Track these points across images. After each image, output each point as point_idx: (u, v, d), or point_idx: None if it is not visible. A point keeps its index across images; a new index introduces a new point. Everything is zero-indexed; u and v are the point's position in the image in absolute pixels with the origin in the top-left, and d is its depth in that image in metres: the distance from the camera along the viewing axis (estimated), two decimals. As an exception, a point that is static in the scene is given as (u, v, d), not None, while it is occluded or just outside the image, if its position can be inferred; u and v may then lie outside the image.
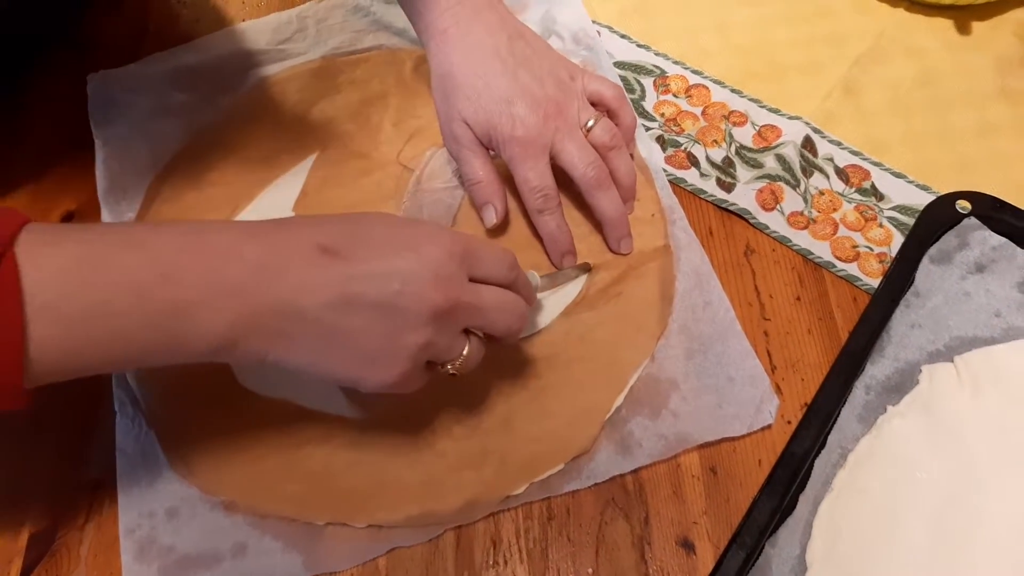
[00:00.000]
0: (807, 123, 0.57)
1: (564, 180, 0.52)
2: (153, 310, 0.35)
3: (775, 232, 0.53)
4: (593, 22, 0.63)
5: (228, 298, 0.36)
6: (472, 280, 0.40)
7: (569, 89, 0.52)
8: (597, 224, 0.53)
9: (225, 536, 0.43)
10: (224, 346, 0.36)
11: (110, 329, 0.34)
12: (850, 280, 0.51)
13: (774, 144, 0.57)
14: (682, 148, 0.57)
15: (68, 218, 0.55)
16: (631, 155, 0.55)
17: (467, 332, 0.41)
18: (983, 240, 0.50)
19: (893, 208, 0.54)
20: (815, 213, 0.54)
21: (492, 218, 0.52)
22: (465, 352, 0.41)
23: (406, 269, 0.38)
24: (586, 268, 0.52)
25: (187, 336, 0.36)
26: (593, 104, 0.53)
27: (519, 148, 0.50)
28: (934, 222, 0.51)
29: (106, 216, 0.53)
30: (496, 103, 0.50)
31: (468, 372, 0.42)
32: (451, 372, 0.41)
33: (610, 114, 0.54)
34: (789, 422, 0.47)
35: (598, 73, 0.59)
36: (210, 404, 0.47)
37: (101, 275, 0.34)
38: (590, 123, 0.52)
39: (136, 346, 0.35)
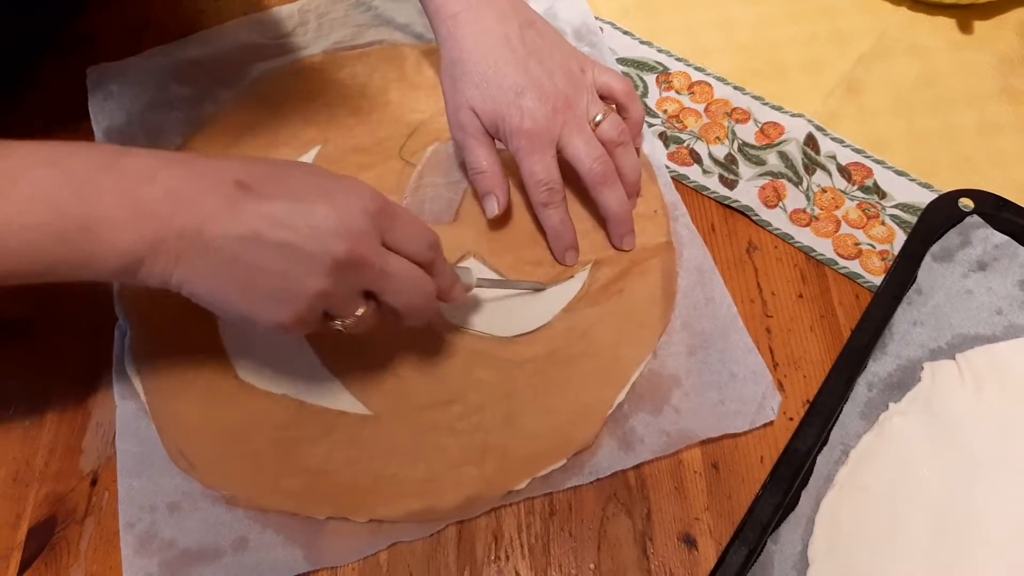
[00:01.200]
0: (810, 121, 0.57)
1: (568, 174, 0.52)
2: (64, 226, 0.36)
3: (777, 229, 0.53)
4: (596, 18, 0.63)
5: (137, 219, 0.36)
6: (385, 246, 0.40)
7: (579, 82, 0.52)
8: (600, 220, 0.53)
9: (226, 530, 0.43)
10: (130, 266, 0.37)
11: (21, 241, 0.35)
12: (852, 277, 0.51)
13: (777, 141, 0.57)
14: (685, 145, 0.57)
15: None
16: (637, 150, 0.55)
17: (368, 296, 0.41)
18: (985, 238, 0.50)
19: (895, 206, 0.54)
20: (817, 210, 0.54)
21: (494, 208, 0.52)
22: (359, 313, 0.41)
23: (317, 215, 0.38)
24: (539, 287, 0.51)
25: (95, 253, 0.36)
26: (602, 97, 0.53)
27: (526, 140, 0.50)
28: (937, 220, 0.51)
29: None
30: (505, 93, 0.50)
31: (358, 334, 0.42)
32: (339, 328, 0.41)
33: (619, 108, 0.54)
34: (791, 419, 0.47)
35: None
36: (211, 398, 0.47)
37: (16, 189, 0.35)
38: (598, 117, 0.51)
39: (46, 259, 0.36)
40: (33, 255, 0.36)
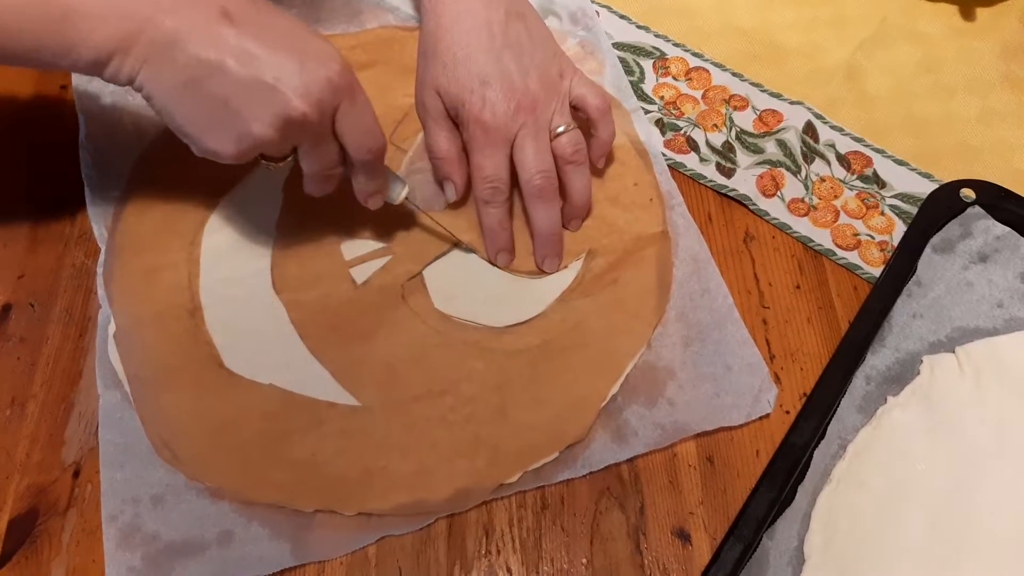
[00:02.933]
0: (809, 108, 0.57)
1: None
2: (45, 12, 0.38)
3: (775, 219, 0.52)
4: (592, 1, 0.62)
5: (117, 17, 0.38)
6: (333, 124, 0.42)
7: (552, 87, 0.50)
8: (596, 209, 0.52)
9: (211, 523, 0.42)
10: (101, 59, 0.39)
11: (7, 20, 0.38)
12: (851, 268, 0.51)
13: (775, 129, 0.56)
14: (681, 132, 0.56)
15: (52, 200, 0.53)
16: (597, 167, 0.53)
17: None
18: (986, 229, 0.49)
19: (895, 196, 0.53)
20: (816, 200, 0.53)
21: (452, 195, 0.51)
22: (287, 161, 0.43)
23: (287, 67, 0.39)
24: (469, 249, 0.51)
25: (71, 42, 0.38)
26: (575, 109, 0.51)
27: (481, 133, 0.48)
28: (937, 210, 0.50)
29: (90, 193, 0.52)
30: (471, 79, 0.48)
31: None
32: (268, 167, 0.44)
33: (590, 124, 0.51)
34: (788, 412, 0.46)
35: (598, 55, 0.58)
36: (196, 389, 0.46)
37: None
38: (560, 129, 0.49)
39: (25, 42, 0.38)
40: (17, 35, 0.38)
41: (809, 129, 0.56)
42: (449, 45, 0.49)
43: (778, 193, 0.53)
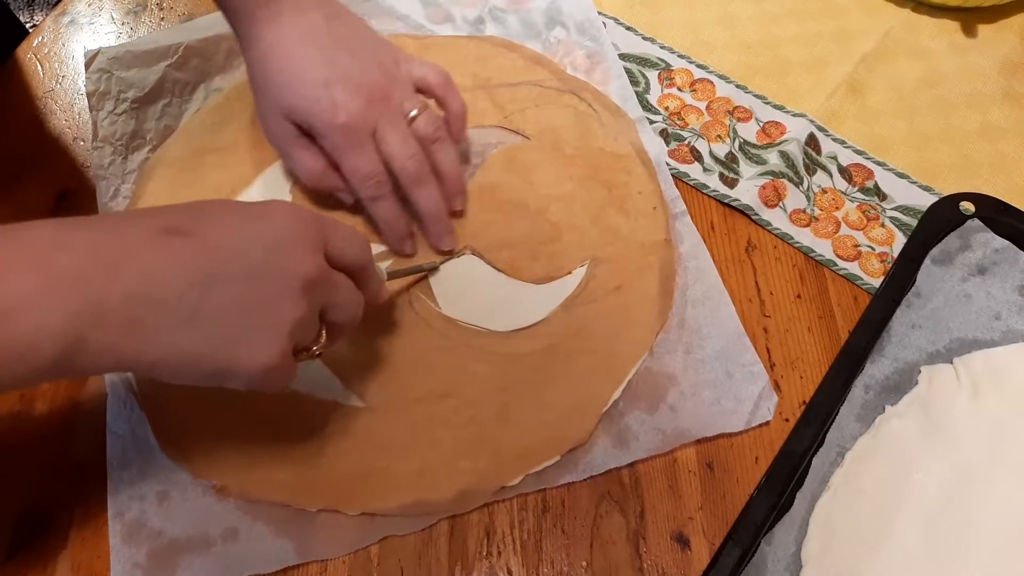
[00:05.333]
0: (811, 120, 0.57)
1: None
2: None
3: (777, 229, 0.53)
4: (599, 13, 0.63)
5: (61, 290, 0.31)
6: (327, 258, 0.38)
7: (393, 75, 0.49)
8: (592, 217, 0.52)
9: (216, 521, 0.43)
10: (68, 350, 0.31)
11: None
12: (851, 279, 0.51)
13: (778, 141, 0.56)
14: (686, 142, 0.57)
15: (62, 197, 0.54)
16: (461, 143, 0.53)
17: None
18: (986, 242, 0.50)
19: (895, 208, 0.54)
20: (817, 211, 0.54)
21: (349, 200, 0.51)
22: (322, 336, 0.39)
23: (266, 236, 0.36)
24: (434, 266, 0.50)
25: (21, 341, 0.30)
26: (419, 91, 0.51)
27: (343, 136, 0.47)
28: (937, 223, 0.51)
29: (102, 195, 0.53)
30: (313, 88, 0.46)
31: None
32: (317, 353, 0.39)
33: (437, 102, 0.51)
34: (787, 420, 0.46)
35: (605, 66, 0.59)
36: (203, 388, 0.46)
37: None
38: (413, 113, 0.49)
39: None
40: None
41: (811, 141, 0.56)
42: (280, 65, 0.47)
43: (780, 204, 0.54)
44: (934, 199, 0.53)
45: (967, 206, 0.51)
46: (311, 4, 0.49)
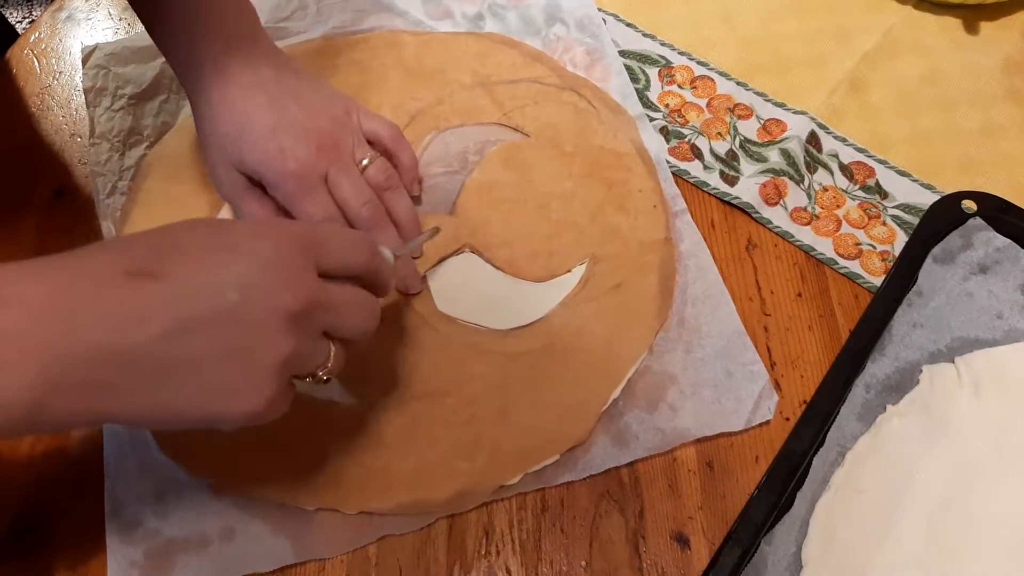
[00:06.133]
0: (812, 118, 0.57)
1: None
2: None
3: (778, 227, 0.53)
4: (599, 10, 0.62)
5: (10, 355, 0.28)
6: (323, 275, 0.35)
7: (343, 124, 0.49)
8: (592, 215, 0.52)
9: (213, 519, 0.43)
10: (27, 416, 0.29)
11: None
12: (852, 278, 0.51)
13: (779, 138, 0.56)
14: (686, 140, 0.56)
15: (59, 194, 0.53)
16: (413, 195, 0.52)
17: (325, 334, 0.36)
18: (987, 241, 0.49)
19: (897, 206, 0.54)
20: (818, 209, 0.53)
21: None
22: (331, 356, 0.36)
23: (240, 272, 0.32)
24: (435, 231, 0.48)
25: None
26: (370, 143, 0.50)
27: (294, 183, 0.46)
28: (939, 221, 0.50)
29: (98, 192, 0.52)
30: (259, 137, 0.46)
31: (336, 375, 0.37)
32: (324, 378, 0.36)
33: (387, 155, 0.51)
34: (788, 419, 0.46)
35: (605, 63, 0.59)
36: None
37: None
38: (364, 162, 0.49)
39: None
40: None
41: (812, 139, 0.56)
42: (228, 117, 0.46)
43: (781, 202, 0.53)
44: (936, 197, 0.52)
45: (969, 204, 0.51)
46: (260, 59, 0.48)
